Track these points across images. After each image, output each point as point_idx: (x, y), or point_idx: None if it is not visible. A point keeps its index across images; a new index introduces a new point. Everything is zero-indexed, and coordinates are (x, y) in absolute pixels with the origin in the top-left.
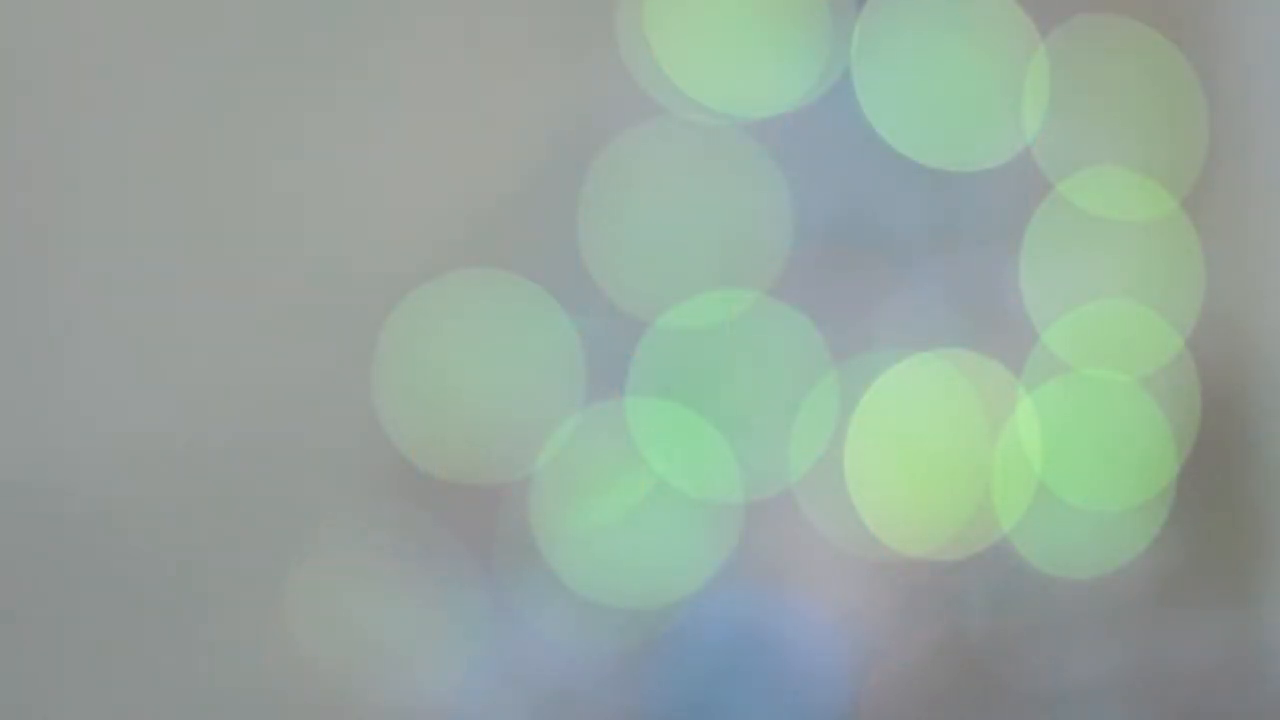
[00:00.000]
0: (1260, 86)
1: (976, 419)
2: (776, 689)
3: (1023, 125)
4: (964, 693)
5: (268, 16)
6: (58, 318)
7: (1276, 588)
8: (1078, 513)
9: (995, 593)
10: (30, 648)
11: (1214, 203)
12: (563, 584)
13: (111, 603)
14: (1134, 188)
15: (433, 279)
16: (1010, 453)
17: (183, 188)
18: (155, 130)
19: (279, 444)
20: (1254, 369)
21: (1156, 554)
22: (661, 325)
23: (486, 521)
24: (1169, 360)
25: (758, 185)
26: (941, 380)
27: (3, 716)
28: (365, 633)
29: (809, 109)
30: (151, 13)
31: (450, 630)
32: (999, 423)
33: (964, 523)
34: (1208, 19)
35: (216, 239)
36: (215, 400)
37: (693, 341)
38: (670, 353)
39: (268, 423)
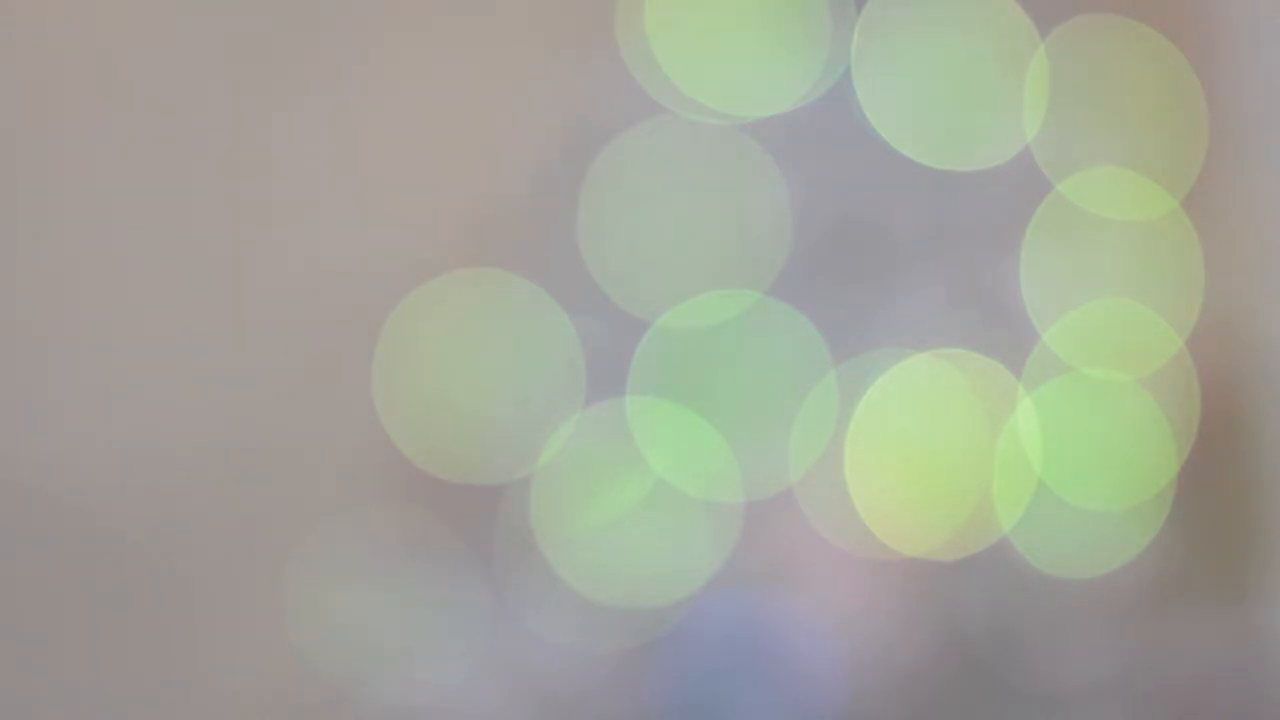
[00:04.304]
0: (1259, 86)
1: (976, 419)
2: (776, 689)
3: (1023, 125)
4: (964, 693)
5: (268, 16)
6: (58, 317)
7: (1276, 588)
8: (1078, 513)
9: (995, 593)
10: (29, 647)
11: (1214, 203)
12: (563, 584)
13: (111, 602)
14: (1134, 188)
15: (433, 279)
16: (1010, 453)
17: (182, 187)
18: (156, 130)
19: (279, 444)
20: (1254, 368)
21: (1156, 554)
22: (661, 325)
23: (486, 521)
24: (1169, 360)
25: (758, 185)
26: (941, 380)
27: (2, 716)
28: (365, 632)
29: (809, 109)
30: (152, 12)
31: (450, 630)
32: (999, 423)
33: (964, 523)
34: (1208, 19)
35: (216, 239)
36: (215, 400)
37: (693, 341)
38: (670, 353)
39: (268, 422)
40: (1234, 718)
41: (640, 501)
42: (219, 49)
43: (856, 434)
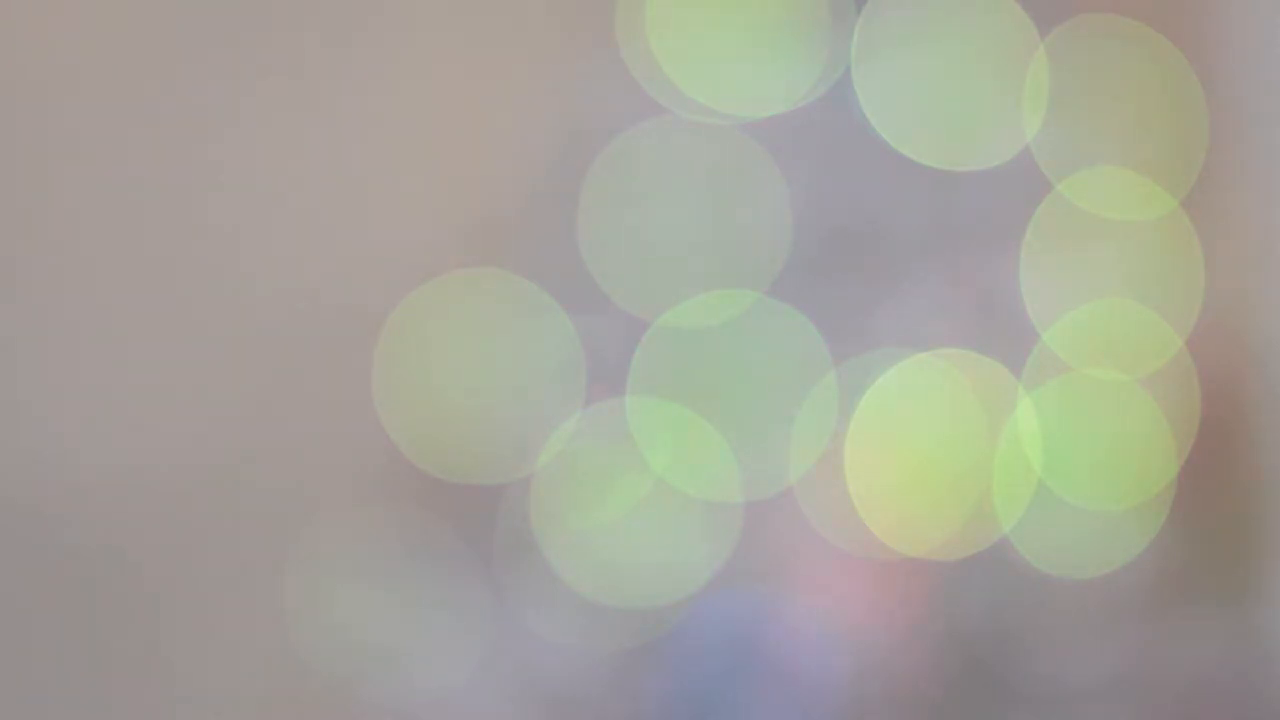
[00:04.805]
0: (1260, 86)
1: (976, 419)
2: (776, 689)
3: (1023, 125)
4: (964, 693)
5: (267, 18)
6: (59, 319)
7: (1276, 588)
8: (1078, 513)
9: (995, 593)
10: (30, 648)
11: (1214, 203)
12: (563, 584)
13: (112, 602)
14: (1134, 188)
15: (433, 279)
16: (1010, 453)
17: (183, 188)
18: (153, 133)
19: (279, 444)
20: (1253, 369)
21: (1156, 554)
22: (661, 325)
23: (486, 521)
24: (1169, 360)
25: (758, 185)
26: (941, 380)
27: (4, 717)
28: (365, 632)
29: (809, 109)
30: (147, 16)
31: (450, 630)
32: (999, 423)
33: (964, 523)
34: (1208, 19)
35: (218, 239)
36: (216, 401)
37: (693, 341)
38: (670, 353)
39: (268, 423)
40: (1234, 718)
41: (640, 501)
42: (219, 51)
43: (856, 434)
